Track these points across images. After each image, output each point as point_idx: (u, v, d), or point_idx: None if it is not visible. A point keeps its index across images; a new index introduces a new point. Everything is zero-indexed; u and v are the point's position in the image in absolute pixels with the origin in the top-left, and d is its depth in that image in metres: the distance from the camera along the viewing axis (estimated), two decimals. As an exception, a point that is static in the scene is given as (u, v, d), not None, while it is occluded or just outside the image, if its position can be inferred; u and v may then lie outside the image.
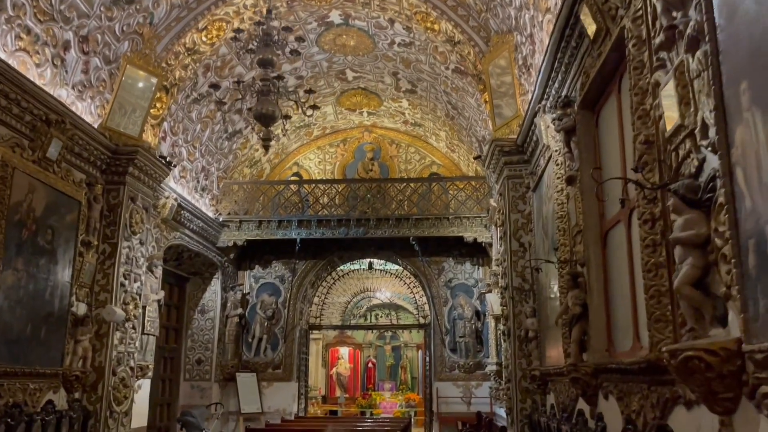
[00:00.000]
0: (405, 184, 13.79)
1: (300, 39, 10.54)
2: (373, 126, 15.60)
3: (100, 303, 8.47)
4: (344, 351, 24.90)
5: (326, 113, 14.73)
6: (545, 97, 6.97)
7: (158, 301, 10.18)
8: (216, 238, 13.31)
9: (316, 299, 16.07)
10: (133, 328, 9.00)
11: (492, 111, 8.87)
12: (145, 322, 9.78)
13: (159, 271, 10.32)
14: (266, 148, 6.80)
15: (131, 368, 8.96)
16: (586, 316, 5.42)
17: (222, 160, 13.26)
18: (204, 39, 9.89)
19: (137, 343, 9.17)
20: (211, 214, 13.05)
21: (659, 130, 3.59)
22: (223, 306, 13.93)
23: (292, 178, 15.23)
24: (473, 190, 13.45)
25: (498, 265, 10.36)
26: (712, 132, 2.95)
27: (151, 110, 9.53)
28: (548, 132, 6.99)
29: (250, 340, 14.44)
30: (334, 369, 24.47)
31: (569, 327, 5.67)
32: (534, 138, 7.92)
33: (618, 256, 4.83)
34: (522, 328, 8.17)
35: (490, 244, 13.18)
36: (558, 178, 6.41)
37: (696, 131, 3.09)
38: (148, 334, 9.86)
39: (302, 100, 7.94)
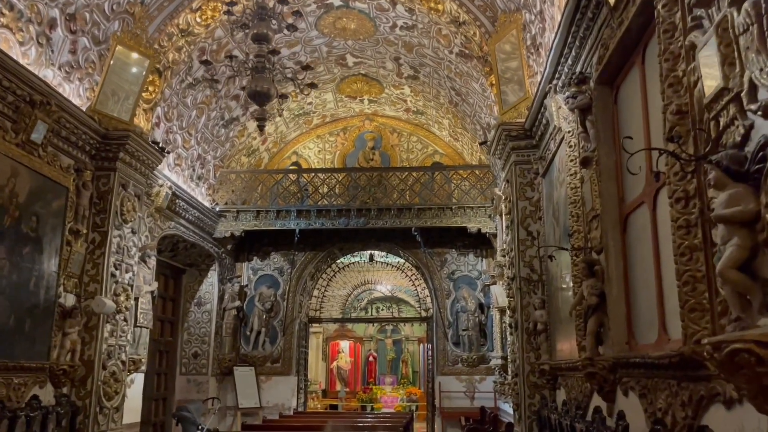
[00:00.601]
0: (407, 173, 13.42)
1: (297, 13, 10.18)
2: (374, 114, 15.21)
3: (89, 294, 8.12)
4: (345, 344, 24.59)
5: (326, 101, 14.34)
6: (557, 76, 6.59)
7: (152, 292, 9.83)
8: (212, 228, 12.95)
9: (315, 292, 15.73)
10: (125, 320, 8.65)
11: (498, 94, 8.49)
12: (138, 314, 9.43)
13: (152, 262, 9.96)
14: (261, 128, 6.43)
15: (123, 362, 8.60)
16: (604, 307, 5.05)
17: (218, 149, 12.88)
18: (198, 20, 9.50)
19: (129, 336, 8.82)
20: (207, 204, 12.69)
21: (694, 98, 3.22)
22: (221, 298, 13.58)
23: (291, 167, 14.85)
24: (477, 180, 13.07)
25: (504, 256, 9.99)
26: (762, 94, 2.58)
27: (143, 94, 9.15)
28: (560, 113, 6.62)
29: (248, 333, 14.10)
30: (335, 363, 24.16)
31: (584, 318, 5.31)
32: (543, 121, 7.54)
33: (640, 242, 4.46)
34: (530, 321, 7.82)
35: (495, 235, 12.83)
36: (571, 160, 6.03)
37: (742, 95, 2.71)
38: (140, 327, 9.51)
39: (298, 78, 7.50)
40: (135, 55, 8.44)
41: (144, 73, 8.64)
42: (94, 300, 7.95)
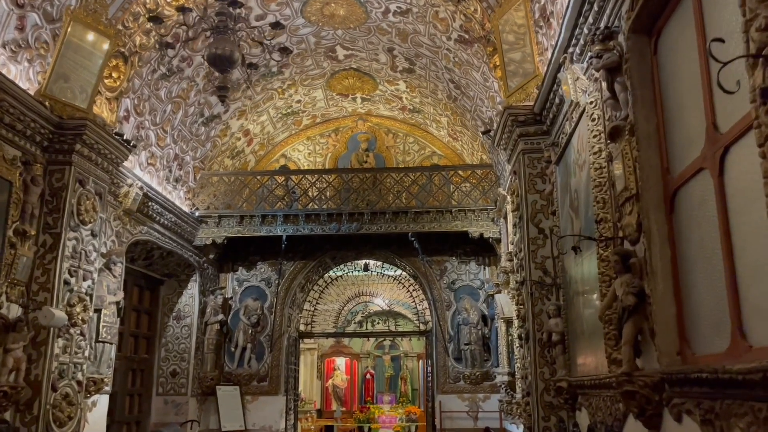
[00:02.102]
0: (403, 174, 12.42)
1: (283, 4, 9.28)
2: (368, 114, 14.26)
3: (38, 304, 7.09)
4: (341, 361, 23.46)
5: (316, 99, 13.39)
6: (573, 42, 5.64)
7: (117, 303, 8.78)
8: (192, 235, 11.94)
9: (306, 305, 14.67)
10: (81, 334, 7.60)
11: (504, 76, 7.53)
12: (100, 327, 8.39)
13: (119, 269, 8.93)
14: (222, 99, 5.47)
15: (78, 382, 7.54)
16: (643, 309, 4.04)
17: (198, 149, 11.90)
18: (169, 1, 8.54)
19: (87, 353, 7.76)
20: (186, 209, 11.68)
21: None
22: (202, 312, 12.53)
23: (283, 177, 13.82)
24: (479, 180, 12.09)
25: (511, 260, 8.98)
26: None
27: (106, 81, 8.19)
28: (577, 85, 5.65)
29: (232, 349, 13.04)
30: (330, 381, 23.02)
31: (618, 325, 4.30)
32: (556, 100, 6.57)
33: (697, 222, 3.46)
34: (543, 330, 6.79)
35: (498, 240, 11.83)
36: (594, 136, 5.05)
37: None
38: (103, 342, 8.46)
39: (268, 39, 6.53)
40: (92, 35, 7.48)
41: (104, 55, 7.67)
42: (42, 311, 6.91)
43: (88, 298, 7.73)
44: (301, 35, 11.01)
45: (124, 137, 8.52)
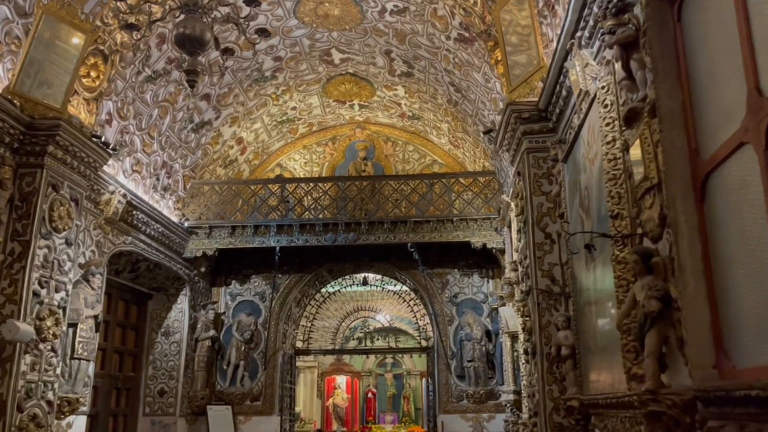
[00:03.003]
0: (402, 182, 11.89)
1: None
2: (366, 122, 13.78)
3: (3, 317, 6.55)
4: (341, 380, 22.80)
5: (311, 105, 12.93)
6: (581, 25, 5.13)
7: (95, 317, 8.23)
8: (182, 247, 11.41)
9: (303, 321, 14.09)
10: (53, 350, 7.05)
11: (506, 70, 7.02)
12: (76, 343, 7.84)
13: (98, 281, 8.39)
14: (191, 85, 4.97)
15: (48, 402, 6.97)
16: (669, 315, 3.48)
17: (188, 156, 11.41)
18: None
19: (59, 370, 7.20)
20: (175, 219, 11.16)
21: None
22: (192, 327, 11.95)
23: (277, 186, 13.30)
24: (481, 188, 11.55)
25: (515, 269, 8.42)
26: None
27: (84, 80, 7.73)
28: (587, 72, 5.14)
29: (224, 366, 12.45)
30: (331, 400, 22.34)
31: (639, 334, 3.74)
32: (563, 93, 6.06)
33: (736, 210, 2.91)
34: (552, 344, 6.21)
35: (502, 251, 11.27)
36: (607, 124, 4.53)
37: None
38: (79, 359, 7.90)
39: (241, 18, 6.04)
40: (67, 29, 7.01)
41: (80, 50, 7.20)
42: (5, 324, 6.37)
43: (60, 311, 7.19)
44: (295, 38, 10.57)
45: (105, 141, 8.01)
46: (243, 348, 12.55)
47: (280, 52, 10.85)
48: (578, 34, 5.23)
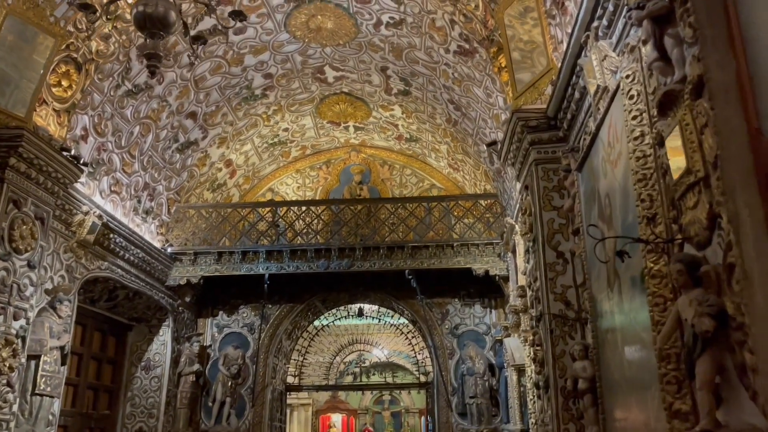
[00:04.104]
0: (399, 205, 11.25)
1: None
2: (362, 145, 13.22)
3: (-49, 347, 5.83)
4: (337, 418, 21.90)
5: (304, 127, 12.37)
6: (598, 14, 4.57)
7: (61, 348, 7.49)
8: (164, 274, 10.70)
9: (295, 354, 13.30)
10: (8, 385, 6.31)
11: (512, 75, 6.46)
12: (38, 377, 7.08)
13: (66, 310, 7.67)
14: (152, 72, 4.37)
15: (1, 444, 6.21)
16: (726, 336, 2.81)
17: (173, 178, 10.78)
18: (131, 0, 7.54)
19: (15, 408, 6.44)
20: (158, 244, 10.48)
21: None
22: (175, 361, 11.16)
23: (267, 209, 12.65)
24: (483, 212, 10.91)
25: (522, 295, 7.75)
26: None
27: (55, 90, 7.15)
28: (605, 66, 4.56)
29: (210, 404, 11.61)
30: (325, 439, 21.37)
31: (686, 360, 3.06)
32: (576, 95, 5.48)
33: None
34: (567, 377, 5.49)
35: (506, 279, 10.58)
36: (634, 118, 3.92)
37: None
38: (41, 395, 7.13)
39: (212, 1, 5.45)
40: (34, 32, 6.45)
41: (48, 57, 6.62)
42: (-50, 354, 5.65)
43: (19, 340, 6.47)
44: (286, 53, 10.06)
45: (75, 155, 7.39)
46: (230, 383, 11.72)
47: (271, 68, 10.33)
48: (594, 24, 4.67)
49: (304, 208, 11.35)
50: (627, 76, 4.01)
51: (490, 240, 10.60)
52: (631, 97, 3.96)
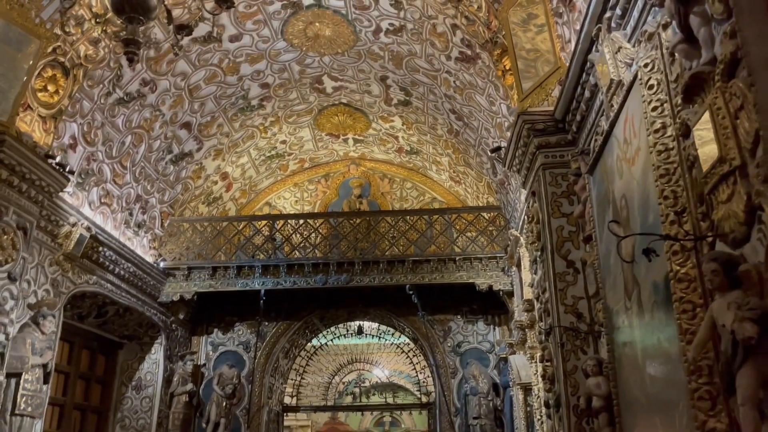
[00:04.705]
0: (399, 218, 10.92)
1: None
2: (361, 158, 12.94)
3: None
4: (336, 440, 21.26)
5: (302, 139, 12.10)
6: (611, 3, 4.29)
7: (44, 366, 7.11)
8: (157, 290, 10.34)
9: (292, 374, 12.88)
10: (-16, 404, 5.93)
11: (517, 77, 6.17)
12: (18, 397, 6.70)
13: (50, 325, 7.31)
14: (130, 58, 4.07)
15: (-26, 468, 5.82)
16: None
17: (166, 191, 10.47)
18: (120, 4, 7.28)
19: (-8, 429, 6.07)
20: (150, 259, 10.14)
21: None
22: (168, 381, 10.75)
23: (263, 222, 12.30)
24: (486, 224, 10.58)
25: (529, 309, 7.39)
26: None
27: (40, 95, 6.86)
28: (619, 58, 4.27)
29: (203, 425, 11.16)
30: (325, 462, 20.78)
31: (724, 372, 2.71)
32: (586, 94, 5.18)
33: None
34: (580, 394, 5.12)
35: (510, 294, 10.22)
36: (654, 109, 3.61)
37: None
38: (21, 415, 6.74)
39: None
40: (18, 32, 6.18)
41: (32, 59, 6.35)
42: None
43: (-3, 357, 6.10)
44: (283, 62, 9.81)
45: (60, 162, 7.08)
46: (224, 404, 11.28)
47: (268, 78, 10.08)
48: (607, 15, 4.39)
49: (301, 222, 11.01)
50: (645, 65, 3.71)
51: (494, 254, 10.25)
52: (651, 87, 3.66)
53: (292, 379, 12.94)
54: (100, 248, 8.57)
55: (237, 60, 9.46)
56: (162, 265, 10.40)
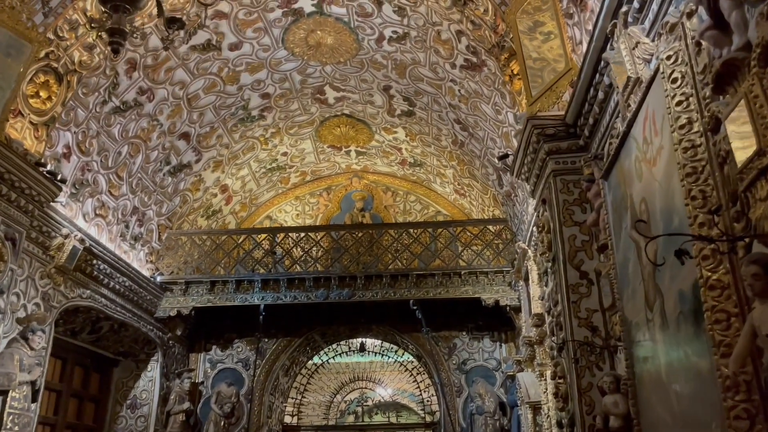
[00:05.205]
0: (403, 231, 10.65)
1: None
2: (364, 171, 12.70)
3: None
4: (338, 461, 20.74)
5: (304, 151, 11.87)
6: (627, -2, 4.06)
7: (32, 383, 6.81)
8: (154, 305, 10.06)
9: (293, 392, 12.54)
10: (-34, 423, 5.63)
11: (525, 80, 5.93)
12: (5, 415, 6.40)
13: (40, 341, 7.02)
14: (115, 49, 3.82)
15: (-46, 491, 5.50)
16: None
17: (164, 203, 10.22)
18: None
19: (-26, 449, 5.76)
20: (147, 273, 9.87)
21: None
22: (164, 399, 10.42)
23: (263, 236, 12.02)
24: (492, 238, 10.29)
25: (538, 324, 7.08)
26: None
27: (31, 100, 6.64)
28: (637, 54, 4.03)
29: (200, 445, 10.83)
30: (326, 484, 20.24)
31: (766, 389, 2.42)
32: (599, 96, 4.94)
33: None
34: (596, 413, 4.81)
35: (517, 309, 9.91)
36: (678, 104, 3.35)
37: None
38: (7, 435, 6.44)
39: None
40: (8, 35, 5.97)
41: (23, 64, 6.13)
42: None
43: (-20, 373, 5.81)
44: (284, 71, 9.62)
45: (51, 170, 6.84)
46: (222, 423, 10.96)
47: (268, 88, 9.88)
48: (623, 9, 4.15)
49: (302, 235, 10.75)
50: (668, 57, 3.46)
51: (500, 268, 9.96)
52: (674, 81, 3.40)
53: (292, 398, 12.59)
54: (95, 261, 8.31)
55: (237, 69, 9.26)
56: (159, 279, 10.12)
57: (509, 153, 7.26)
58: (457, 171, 11.22)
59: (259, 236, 10.95)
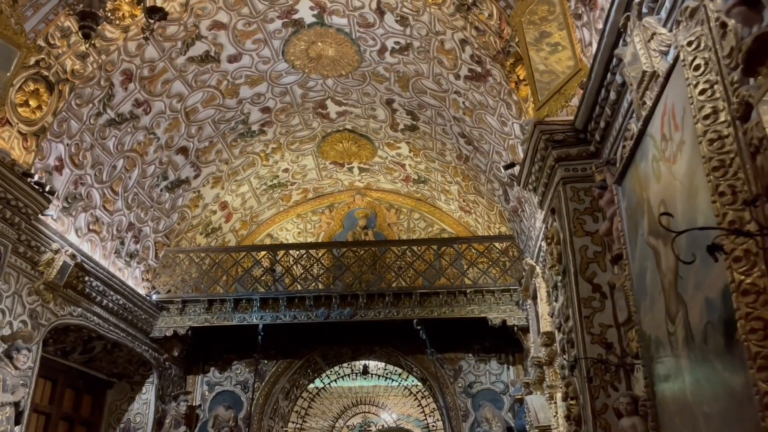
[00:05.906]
0: (406, 248, 10.33)
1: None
2: (367, 188, 12.44)
3: None
4: (341, 488, 20.18)
5: (306, 168, 11.63)
6: (643, -14, 3.80)
7: (15, 405, 6.48)
8: (149, 324, 9.74)
9: (293, 416, 12.14)
10: (-60, 446, 5.30)
11: (532, 84, 5.66)
12: (-16, 438, 6.07)
13: (26, 360, 6.71)
14: (86, 33, 3.56)
15: None
16: None
17: (161, 219, 9.96)
18: (110, 17, 6.89)
19: (-52, 475, 5.42)
20: (142, 291, 9.57)
21: None
22: (159, 423, 10.04)
23: (263, 253, 11.72)
24: (498, 255, 9.97)
25: (547, 344, 6.73)
26: None
27: (20, 109, 6.42)
28: (653, 46, 3.76)
29: (196, 472, 10.43)
30: None
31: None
32: (611, 97, 4.66)
33: None
34: (613, 438, 4.44)
35: (525, 330, 9.53)
36: (702, 92, 3.05)
37: None
38: (-14, 460, 6.10)
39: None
40: (-5, 40, 5.76)
41: (11, 70, 5.92)
42: None
43: (-42, 393, 5.50)
44: (284, 85, 9.42)
45: (38, 181, 6.59)
46: (219, 449, 10.57)
47: (269, 101, 9.68)
48: (637, 0, 3.88)
49: (303, 252, 10.44)
50: (689, 44, 3.17)
51: (507, 286, 9.61)
52: (697, 68, 3.11)
53: (293, 422, 12.18)
54: (87, 278, 8.02)
55: (236, 82, 9.07)
56: (155, 297, 9.82)
57: (515, 162, 6.96)
58: (462, 187, 10.94)
59: (259, 254, 10.64)
